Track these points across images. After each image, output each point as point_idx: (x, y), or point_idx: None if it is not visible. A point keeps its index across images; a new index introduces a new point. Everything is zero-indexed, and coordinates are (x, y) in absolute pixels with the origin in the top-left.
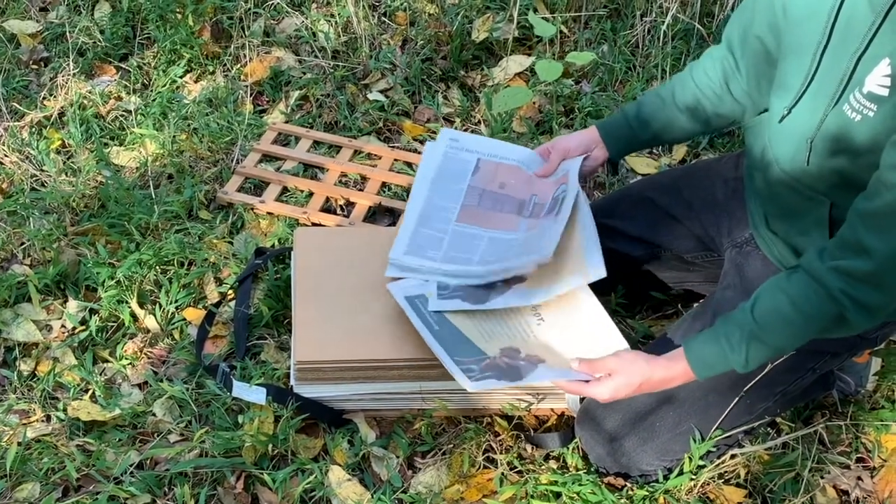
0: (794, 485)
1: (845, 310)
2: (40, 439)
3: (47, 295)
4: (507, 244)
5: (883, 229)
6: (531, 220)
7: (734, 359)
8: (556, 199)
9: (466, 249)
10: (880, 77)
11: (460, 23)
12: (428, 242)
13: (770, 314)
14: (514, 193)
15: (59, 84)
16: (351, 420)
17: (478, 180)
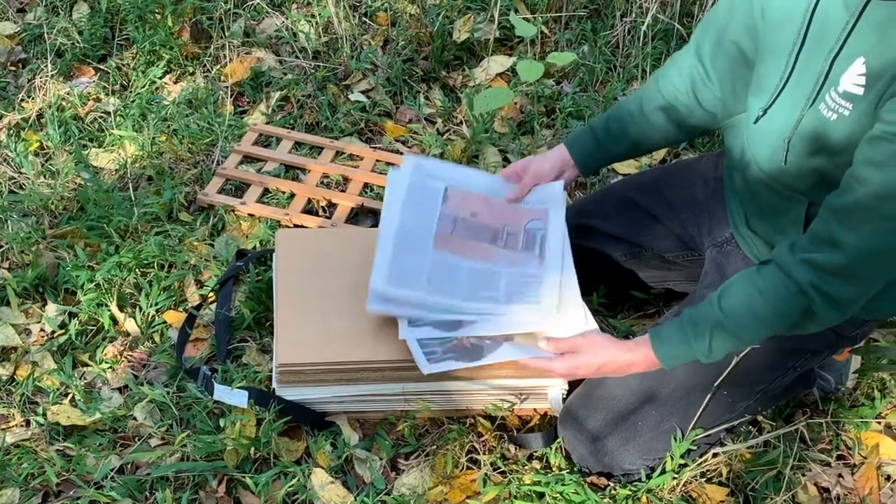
0: (775, 483)
1: (813, 303)
2: (19, 444)
3: (26, 298)
4: (489, 276)
5: (855, 224)
6: (508, 251)
7: (697, 346)
8: (529, 232)
9: (449, 279)
10: (855, 76)
11: (441, 23)
12: (409, 271)
13: (737, 305)
14: (487, 222)
15: (37, 86)
16: (334, 422)
17: (449, 208)
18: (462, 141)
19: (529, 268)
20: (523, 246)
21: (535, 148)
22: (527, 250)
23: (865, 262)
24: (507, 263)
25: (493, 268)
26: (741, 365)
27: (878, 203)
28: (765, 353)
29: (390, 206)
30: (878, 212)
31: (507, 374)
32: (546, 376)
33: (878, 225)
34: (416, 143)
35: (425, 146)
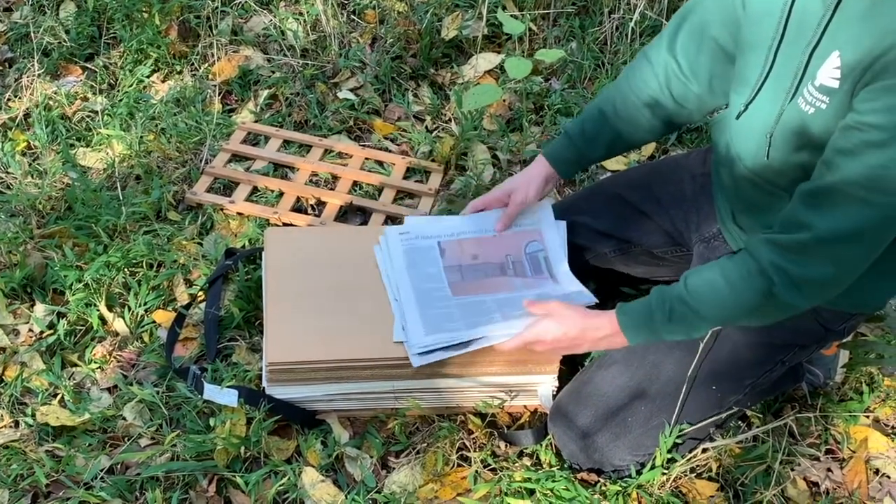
0: (765, 477)
1: (773, 285)
2: (8, 445)
3: (14, 299)
4: (515, 301)
5: (822, 208)
6: (521, 278)
7: (658, 317)
8: (531, 256)
9: (481, 313)
10: (831, 69)
11: (430, 21)
12: (440, 317)
13: (700, 283)
14: (490, 260)
15: (24, 85)
16: (324, 421)
17: (449, 260)
18: (451, 138)
19: (547, 288)
20: (532, 272)
21: (523, 145)
22: (537, 275)
23: (829, 244)
24: (526, 287)
25: (516, 294)
26: (729, 359)
27: (846, 188)
28: (753, 347)
29: (399, 275)
30: (845, 197)
31: (498, 370)
32: (514, 347)
33: (845, 209)
34: (404, 141)
35: (414, 144)
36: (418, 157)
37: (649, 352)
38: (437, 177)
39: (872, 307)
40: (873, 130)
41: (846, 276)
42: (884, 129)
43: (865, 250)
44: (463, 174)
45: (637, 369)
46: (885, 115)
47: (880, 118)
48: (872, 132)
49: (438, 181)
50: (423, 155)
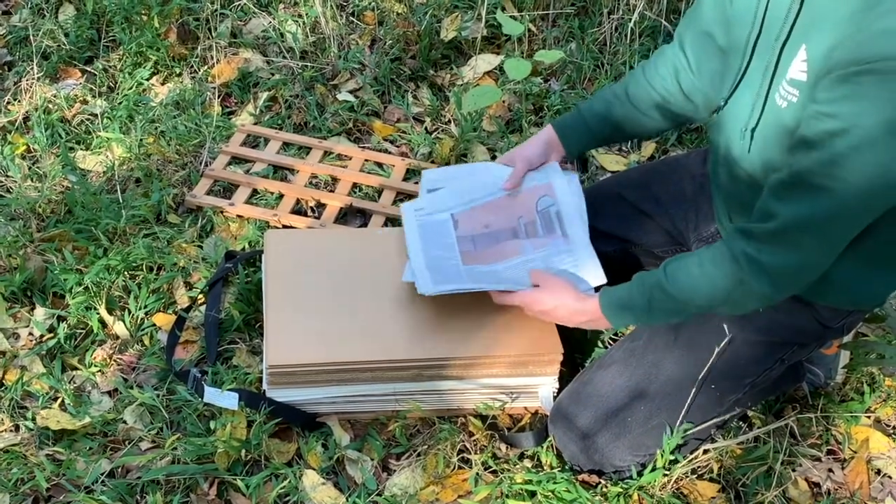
0: (766, 478)
1: (744, 272)
2: (9, 449)
3: (14, 302)
4: (524, 266)
5: (787, 197)
6: (532, 240)
7: (638, 303)
8: (543, 214)
9: (490, 278)
10: (800, 63)
11: (429, 22)
12: (451, 277)
13: (678, 270)
14: (502, 226)
15: (23, 88)
16: (324, 423)
17: (462, 230)
18: (450, 140)
19: (559, 247)
20: (544, 231)
21: None
22: (549, 233)
23: (792, 231)
24: (535, 249)
25: (525, 258)
26: (729, 358)
27: (807, 177)
28: (752, 345)
29: (413, 252)
30: (806, 185)
31: (499, 372)
32: (506, 302)
33: (806, 197)
34: (404, 143)
35: (413, 145)
36: (418, 158)
37: (648, 351)
38: None
39: (869, 303)
40: (831, 120)
41: (812, 264)
42: (841, 119)
43: (828, 238)
44: None
45: (636, 369)
46: (842, 105)
47: (837, 108)
48: (830, 121)
49: None
50: (423, 156)
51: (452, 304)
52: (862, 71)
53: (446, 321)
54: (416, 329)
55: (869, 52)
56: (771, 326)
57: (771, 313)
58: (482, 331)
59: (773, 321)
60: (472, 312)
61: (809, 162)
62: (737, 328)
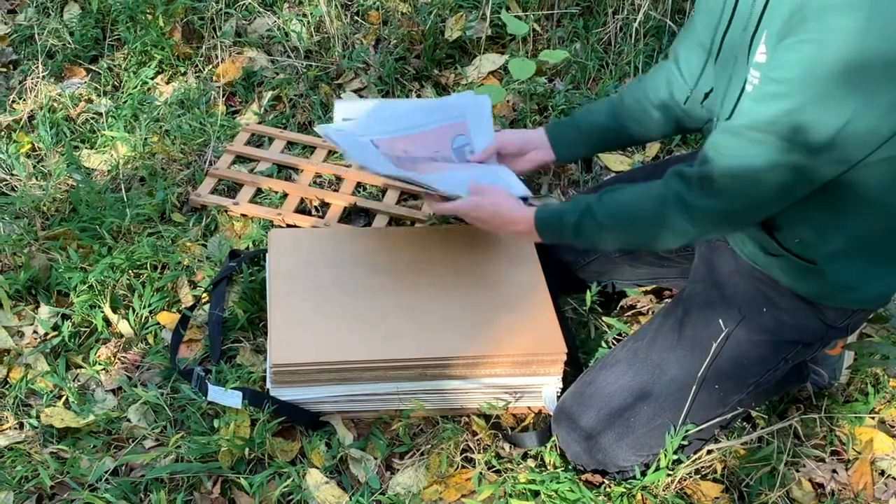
0: (770, 479)
1: (671, 207)
2: (13, 447)
3: (18, 301)
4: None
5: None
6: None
7: (567, 220)
8: (458, 151)
9: (410, 163)
10: (761, 45)
11: (433, 21)
12: (375, 159)
13: (613, 195)
14: (420, 154)
15: (28, 87)
16: (328, 422)
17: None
18: None
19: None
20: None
21: None
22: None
23: (722, 177)
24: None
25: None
26: (733, 358)
27: (746, 131)
28: (756, 345)
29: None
30: (745, 138)
31: (502, 372)
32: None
33: (742, 149)
34: None
35: None
36: None
37: (652, 351)
38: None
39: (873, 302)
40: (773, 83)
41: (737, 212)
42: (781, 83)
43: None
44: None
45: (640, 369)
46: (784, 70)
47: (779, 73)
48: (773, 85)
49: None
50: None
51: (456, 304)
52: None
53: (450, 320)
54: (419, 328)
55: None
56: (775, 326)
57: (775, 313)
58: (486, 330)
59: (777, 321)
60: (475, 312)
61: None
62: (741, 328)
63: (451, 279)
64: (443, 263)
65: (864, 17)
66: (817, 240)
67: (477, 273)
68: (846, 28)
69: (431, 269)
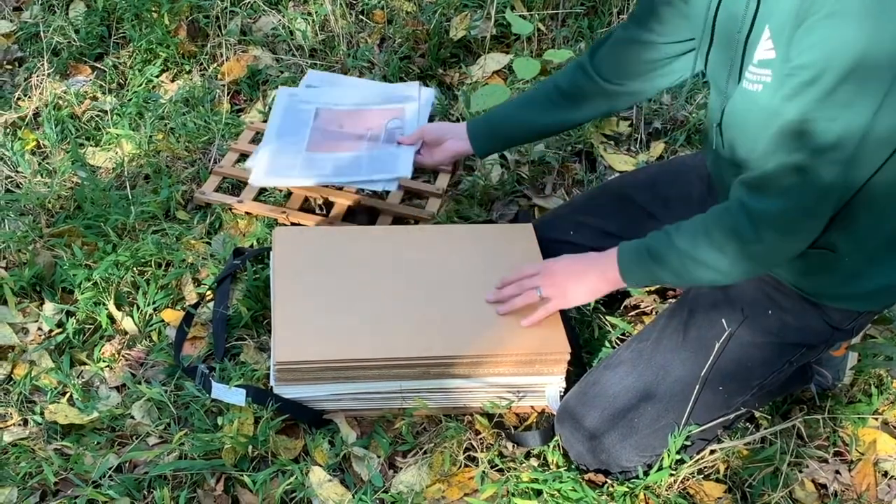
0: (773, 479)
1: (736, 217)
2: (17, 443)
3: (23, 297)
4: (353, 160)
5: (776, 149)
6: (370, 143)
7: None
8: (390, 131)
9: (319, 167)
10: (764, 41)
11: (438, 21)
12: (284, 166)
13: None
14: (352, 130)
15: (33, 84)
16: (331, 420)
17: (319, 124)
18: None
19: (388, 149)
20: (384, 141)
21: (531, 145)
22: (387, 143)
23: (776, 174)
24: (369, 150)
25: (357, 154)
26: (737, 359)
27: (792, 128)
28: (760, 347)
29: (270, 127)
30: (792, 135)
31: (505, 371)
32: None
33: (791, 143)
34: None
35: None
36: None
37: (657, 352)
38: (445, 177)
39: (879, 304)
40: (803, 70)
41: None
42: (811, 67)
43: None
44: (471, 174)
45: (644, 370)
46: (810, 53)
47: (806, 57)
48: (803, 72)
49: (446, 181)
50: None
51: (460, 303)
52: (823, 15)
53: (454, 319)
54: (423, 327)
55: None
56: (780, 328)
57: (780, 315)
58: (489, 329)
59: (782, 322)
60: (479, 311)
61: (790, 114)
62: (745, 329)
63: (455, 278)
64: (447, 262)
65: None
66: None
67: (481, 272)
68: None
69: (435, 267)
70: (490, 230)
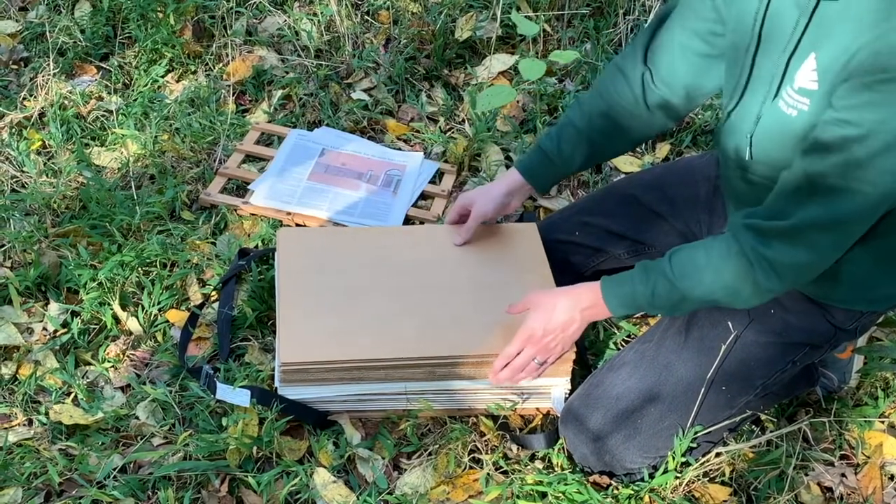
0: (778, 482)
1: (751, 266)
2: (22, 444)
3: (28, 297)
4: (350, 199)
5: (800, 196)
6: (368, 185)
7: (640, 290)
8: (389, 175)
9: (317, 198)
10: (809, 72)
11: (444, 21)
12: (285, 193)
13: (684, 259)
14: (354, 168)
15: (39, 84)
16: (336, 421)
17: (323, 160)
18: (464, 139)
19: (384, 198)
20: (382, 184)
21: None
22: (384, 187)
23: (805, 231)
24: (367, 192)
25: (355, 194)
26: (740, 359)
27: (824, 180)
28: (763, 346)
29: (277, 158)
30: (823, 187)
31: None
32: None
33: (823, 199)
34: (417, 142)
35: (427, 144)
36: (431, 157)
37: (660, 353)
38: (451, 178)
39: (882, 304)
40: (851, 126)
41: (822, 261)
42: (860, 125)
43: (841, 237)
44: (476, 175)
45: (647, 371)
46: (862, 112)
47: (857, 115)
48: (850, 128)
49: (451, 182)
50: (437, 156)
51: (466, 303)
52: (885, 79)
53: (459, 319)
54: (428, 327)
55: (890, 62)
56: (783, 328)
57: (783, 314)
58: (495, 329)
59: (785, 322)
60: (484, 311)
61: (826, 166)
62: (748, 329)
63: (461, 278)
64: (452, 262)
65: None
66: None
67: (486, 272)
68: None
69: (441, 267)
70: (494, 230)
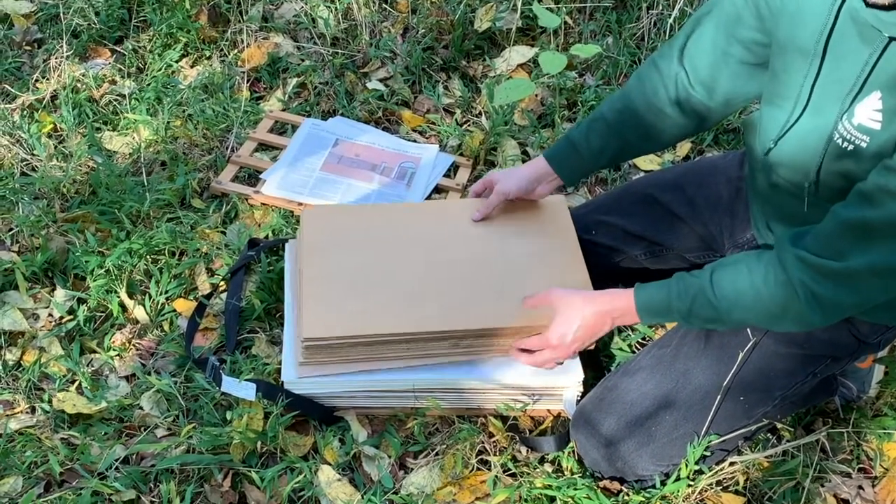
0: (793, 493)
1: (797, 299)
2: (24, 431)
3: (34, 283)
4: (363, 191)
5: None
6: (381, 177)
7: (676, 306)
8: (402, 167)
9: (329, 189)
10: (871, 111)
11: (463, 11)
12: (297, 183)
13: (725, 278)
14: (367, 160)
15: (52, 66)
16: (342, 418)
17: (337, 151)
18: (480, 133)
19: (398, 191)
20: (396, 176)
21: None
22: (398, 180)
23: (861, 276)
24: (379, 185)
25: (368, 186)
26: (760, 369)
27: (886, 228)
28: (784, 357)
29: (290, 147)
30: (884, 235)
31: None
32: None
33: (882, 246)
34: (433, 134)
35: (443, 137)
36: (447, 150)
37: (678, 360)
38: (466, 171)
39: None
40: None
41: (868, 303)
42: None
43: (893, 283)
44: (492, 169)
45: (664, 377)
46: None
47: None
48: None
49: (467, 176)
50: (452, 149)
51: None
52: None
53: (483, 294)
54: (452, 301)
55: None
56: (806, 339)
57: None
58: (518, 303)
59: (808, 334)
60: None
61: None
62: (769, 339)
63: (485, 253)
64: (476, 237)
65: None
66: None
67: (514, 244)
68: None
69: (465, 242)
70: (522, 204)
